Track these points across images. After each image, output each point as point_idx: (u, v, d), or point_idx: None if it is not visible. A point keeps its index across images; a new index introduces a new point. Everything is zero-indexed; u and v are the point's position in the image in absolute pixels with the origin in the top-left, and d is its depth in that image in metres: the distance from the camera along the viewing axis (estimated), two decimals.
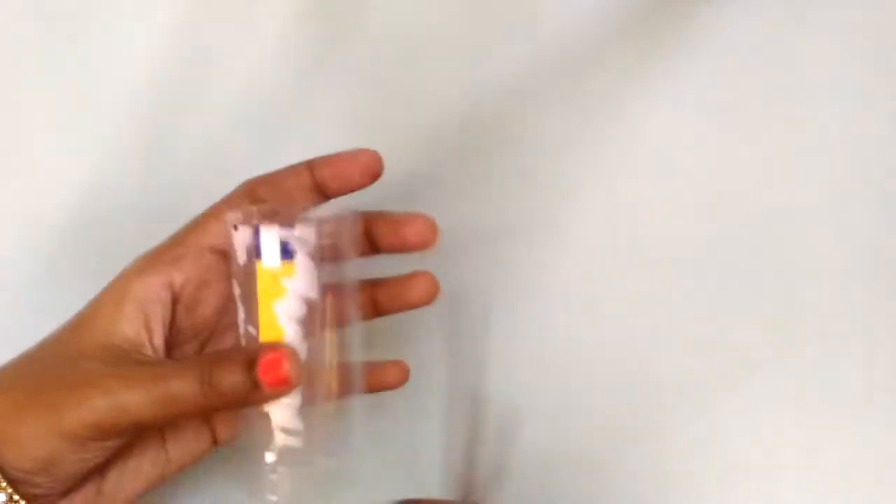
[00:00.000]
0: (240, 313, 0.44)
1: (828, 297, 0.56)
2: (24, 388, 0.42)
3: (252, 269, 0.43)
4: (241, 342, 0.44)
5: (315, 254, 0.44)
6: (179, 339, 0.46)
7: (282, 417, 0.43)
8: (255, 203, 0.45)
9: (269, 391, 0.41)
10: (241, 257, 0.44)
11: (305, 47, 0.56)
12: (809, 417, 0.55)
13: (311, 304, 0.44)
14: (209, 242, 0.45)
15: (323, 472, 0.44)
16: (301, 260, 0.43)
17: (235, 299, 0.44)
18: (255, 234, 0.43)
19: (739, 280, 0.56)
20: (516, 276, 0.56)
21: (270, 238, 0.43)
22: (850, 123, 0.57)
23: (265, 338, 0.43)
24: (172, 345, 0.45)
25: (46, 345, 0.44)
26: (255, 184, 0.46)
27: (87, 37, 0.55)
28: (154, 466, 0.45)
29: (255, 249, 0.43)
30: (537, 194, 0.56)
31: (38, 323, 0.52)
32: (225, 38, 0.56)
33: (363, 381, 0.47)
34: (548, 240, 0.56)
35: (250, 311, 0.44)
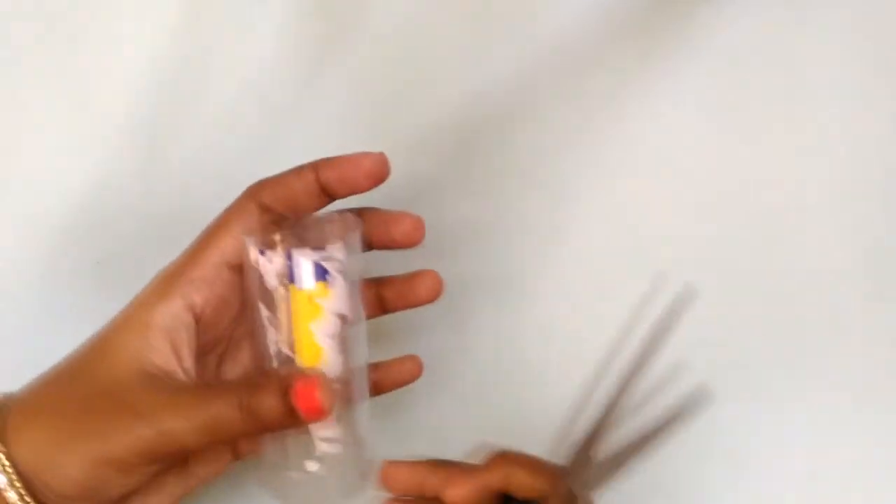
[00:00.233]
0: (269, 334, 0.44)
1: (828, 297, 0.56)
2: (65, 414, 0.43)
3: (285, 293, 0.44)
4: (271, 363, 0.44)
5: (346, 270, 0.44)
6: (200, 354, 0.46)
7: (321, 426, 0.44)
8: (264, 211, 0.45)
9: (306, 418, 0.42)
10: (272, 282, 0.44)
11: (305, 47, 0.56)
12: (809, 417, 0.55)
13: (344, 317, 0.44)
14: (225, 260, 0.45)
15: (365, 472, 0.45)
16: (334, 278, 0.44)
17: (261, 320, 0.44)
18: (288, 258, 0.44)
19: (739, 280, 0.56)
20: (516, 276, 0.56)
21: (305, 262, 0.44)
22: (850, 123, 0.57)
23: (303, 357, 0.44)
24: (196, 360, 0.46)
25: (74, 370, 0.44)
26: (259, 188, 0.46)
27: (87, 37, 0.55)
28: (178, 483, 0.46)
29: (288, 273, 0.44)
30: (537, 194, 0.56)
31: (38, 323, 0.52)
32: (225, 38, 0.56)
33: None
34: (548, 239, 0.56)
35: (284, 332, 0.44)
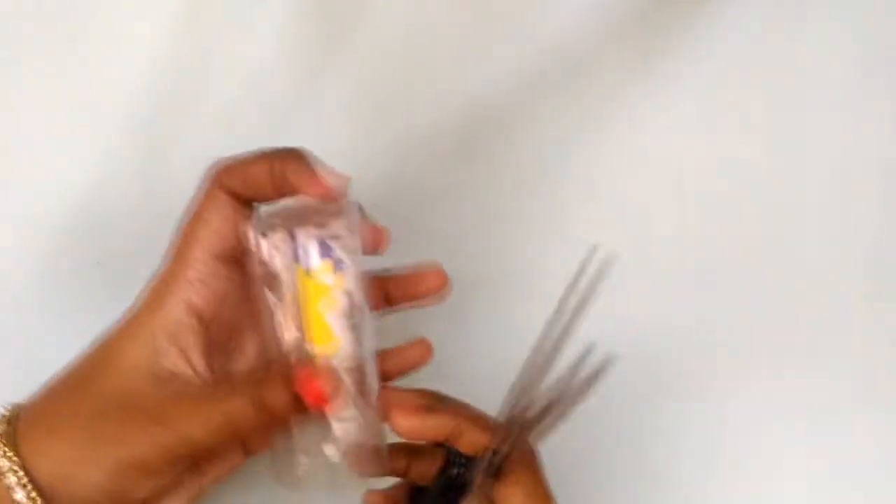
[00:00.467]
0: (276, 317, 0.44)
1: (827, 297, 0.56)
2: (82, 425, 0.43)
3: (290, 274, 0.44)
4: (280, 346, 0.44)
5: (351, 246, 0.44)
6: (208, 350, 0.46)
7: (333, 410, 0.44)
8: (232, 197, 0.44)
9: (312, 405, 0.43)
10: (276, 264, 0.44)
11: (305, 47, 0.56)
12: (809, 417, 0.55)
13: (351, 295, 0.44)
14: (212, 253, 0.45)
15: (380, 456, 0.45)
16: (339, 255, 0.44)
17: (267, 305, 0.44)
18: (292, 238, 0.44)
19: (739, 280, 0.56)
20: (516, 276, 0.56)
21: (309, 240, 0.44)
22: (849, 123, 0.57)
23: (313, 337, 0.44)
24: (206, 358, 0.46)
25: (82, 380, 0.44)
26: (223, 174, 0.45)
27: (87, 37, 0.55)
28: (192, 483, 0.46)
29: (293, 253, 0.44)
30: (537, 194, 0.56)
31: (38, 323, 0.52)
32: (225, 38, 0.56)
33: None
34: (548, 239, 0.56)
35: (291, 314, 0.44)
